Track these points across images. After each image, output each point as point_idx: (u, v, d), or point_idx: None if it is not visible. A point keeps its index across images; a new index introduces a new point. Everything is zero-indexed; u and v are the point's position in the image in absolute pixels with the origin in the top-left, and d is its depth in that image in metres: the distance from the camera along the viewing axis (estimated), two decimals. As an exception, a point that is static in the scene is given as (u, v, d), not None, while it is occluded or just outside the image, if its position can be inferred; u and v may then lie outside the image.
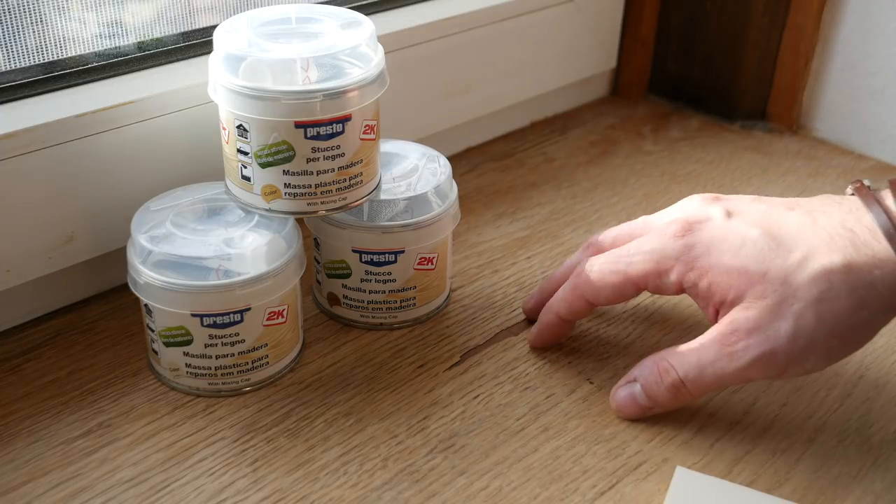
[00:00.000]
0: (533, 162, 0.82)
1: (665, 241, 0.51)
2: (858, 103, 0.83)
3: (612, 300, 0.53)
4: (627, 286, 0.52)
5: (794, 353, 0.47)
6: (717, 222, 0.50)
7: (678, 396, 0.50)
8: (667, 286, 0.51)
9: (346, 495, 0.48)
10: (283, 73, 0.50)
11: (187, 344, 0.52)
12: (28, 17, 0.56)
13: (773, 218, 0.49)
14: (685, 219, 0.51)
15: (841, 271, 0.46)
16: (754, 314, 0.47)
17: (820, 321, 0.46)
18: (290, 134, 0.50)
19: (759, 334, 0.47)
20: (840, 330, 0.46)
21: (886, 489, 0.49)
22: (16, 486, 0.48)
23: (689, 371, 0.49)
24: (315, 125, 0.50)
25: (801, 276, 0.46)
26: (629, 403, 0.52)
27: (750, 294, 0.47)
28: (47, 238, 0.56)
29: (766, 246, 0.47)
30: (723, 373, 0.48)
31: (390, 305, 0.59)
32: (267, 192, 0.52)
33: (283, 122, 0.50)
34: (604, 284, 0.52)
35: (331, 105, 0.50)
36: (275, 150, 0.51)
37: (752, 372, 0.48)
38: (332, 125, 0.50)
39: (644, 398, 0.51)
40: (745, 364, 0.47)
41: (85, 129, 0.55)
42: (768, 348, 0.47)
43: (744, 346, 0.47)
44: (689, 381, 0.49)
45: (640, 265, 0.51)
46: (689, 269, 0.49)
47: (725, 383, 0.49)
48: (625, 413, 0.52)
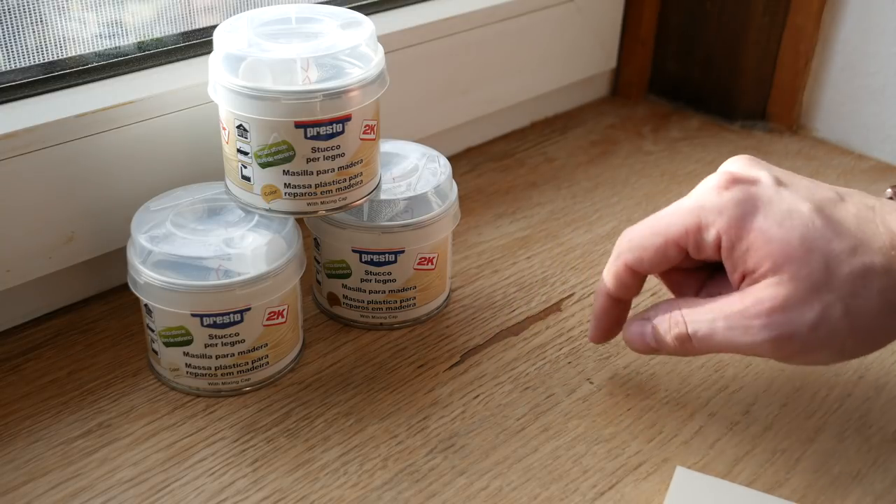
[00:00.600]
0: (533, 162, 0.82)
1: (707, 194, 0.48)
2: (858, 103, 0.83)
3: (657, 265, 0.49)
4: (669, 247, 0.48)
5: (810, 343, 0.45)
6: (767, 186, 0.47)
7: (684, 348, 0.48)
8: (706, 245, 0.47)
9: (346, 495, 0.48)
10: (283, 73, 0.50)
11: (187, 344, 0.52)
12: (28, 17, 0.56)
13: (823, 198, 0.46)
14: (732, 173, 0.48)
15: (879, 272, 0.44)
16: (783, 293, 0.44)
17: (846, 317, 0.44)
18: (290, 134, 0.50)
19: (782, 316, 0.45)
20: (862, 330, 0.45)
21: (886, 489, 0.49)
22: (16, 486, 0.48)
23: (699, 329, 0.47)
24: (315, 125, 0.50)
25: (842, 267, 0.44)
26: (638, 339, 0.51)
27: (786, 270, 0.44)
28: (47, 238, 0.56)
29: (814, 225, 0.45)
30: (733, 342, 0.46)
31: (390, 305, 0.59)
32: (267, 192, 0.52)
33: (283, 122, 0.50)
34: (644, 248, 0.49)
35: (331, 105, 0.50)
36: (275, 150, 0.51)
37: (762, 349, 0.46)
38: (332, 125, 0.50)
39: (652, 339, 0.50)
40: (759, 341, 0.45)
41: (85, 129, 0.55)
42: (787, 331, 0.45)
43: (761, 324, 0.45)
44: (696, 339, 0.48)
45: (679, 222, 0.48)
46: (732, 227, 0.46)
47: (733, 351, 0.47)
48: (632, 346, 0.51)
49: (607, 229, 0.72)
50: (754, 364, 0.58)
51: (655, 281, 0.64)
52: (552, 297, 0.64)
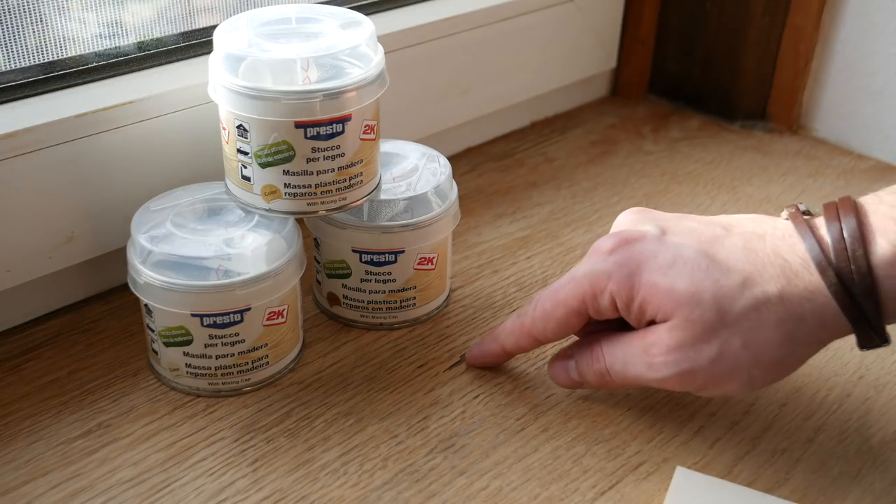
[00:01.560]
0: (533, 162, 0.82)
1: (596, 260, 0.49)
2: (858, 103, 0.83)
3: (560, 334, 0.51)
4: (570, 317, 0.50)
5: (713, 376, 0.46)
6: (651, 239, 0.48)
7: (604, 381, 0.50)
8: (604, 308, 0.49)
9: (346, 495, 0.48)
10: (283, 73, 0.50)
11: (187, 344, 0.52)
12: (28, 17, 0.56)
13: (707, 237, 0.48)
14: (619, 235, 0.50)
15: (773, 302, 0.45)
16: (679, 335, 0.46)
17: (745, 349, 0.45)
18: (290, 134, 0.50)
19: (680, 353, 0.46)
20: (765, 360, 0.45)
21: (886, 489, 0.49)
22: (16, 486, 0.48)
23: (614, 364, 0.49)
24: (315, 125, 0.50)
25: (733, 302, 0.45)
26: (562, 375, 0.53)
27: (678, 314, 0.46)
28: (47, 238, 0.56)
29: (698, 266, 0.46)
30: (643, 378, 0.48)
31: (390, 305, 0.59)
32: (267, 192, 0.52)
33: (282, 122, 0.50)
34: (547, 320, 0.51)
35: (331, 105, 0.50)
36: (275, 150, 0.51)
37: (670, 384, 0.47)
38: (331, 125, 0.50)
39: (575, 373, 0.52)
40: (663, 377, 0.47)
41: (85, 129, 0.55)
42: (687, 367, 0.46)
43: (663, 361, 0.46)
44: (613, 373, 0.49)
45: (575, 292, 0.49)
46: (622, 288, 0.47)
47: (646, 385, 0.50)
48: (557, 381, 0.53)
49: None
50: (754, 364, 0.58)
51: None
52: (552, 297, 0.64)
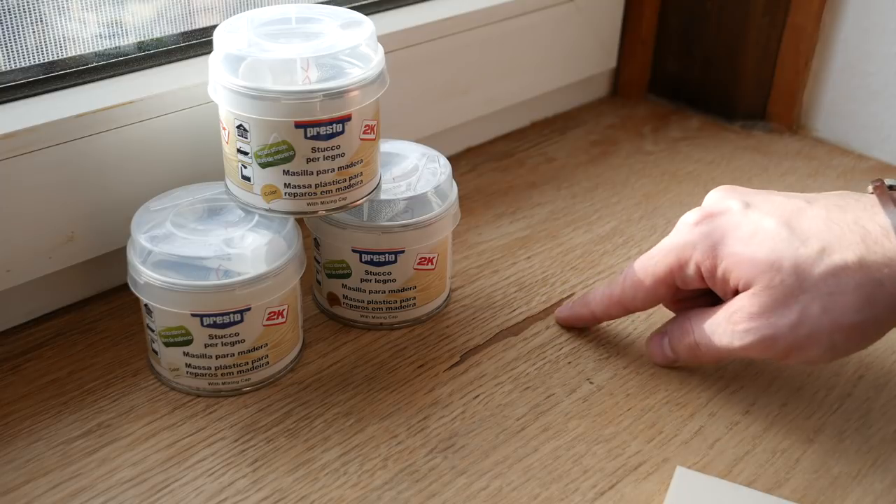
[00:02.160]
0: (533, 162, 0.82)
1: (684, 232, 0.52)
2: (858, 103, 0.83)
3: (649, 303, 0.55)
4: (658, 287, 0.53)
5: (795, 342, 0.48)
6: (735, 212, 0.51)
7: (696, 356, 0.53)
8: (690, 278, 0.52)
9: (346, 495, 0.48)
10: (283, 73, 0.50)
11: (187, 344, 0.52)
12: (28, 17, 0.56)
13: (789, 210, 0.50)
14: (704, 209, 0.52)
15: (851, 268, 0.47)
16: (760, 300, 0.48)
17: (825, 314, 0.47)
18: (290, 134, 0.50)
19: (762, 319, 0.48)
20: (845, 324, 0.47)
21: (886, 489, 0.49)
22: (16, 486, 0.48)
23: (701, 337, 0.52)
24: (315, 125, 0.50)
25: (812, 269, 0.47)
26: (658, 352, 0.56)
27: (759, 281, 0.48)
28: (47, 238, 0.56)
29: (778, 236, 0.48)
30: (728, 347, 0.50)
31: (390, 305, 0.59)
32: (267, 192, 0.52)
33: (282, 122, 0.50)
34: (636, 289, 0.54)
35: (331, 105, 0.50)
36: (275, 150, 0.51)
37: (753, 352, 0.49)
38: (331, 125, 0.50)
39: (669, 350, 0.55)
40: (747, 344, 0.49)
41: (85, 129, 0.55)
42: (769, 333, 0.48)
43: (745, 328, 0.49)
44: (702, 346, 0.52)
45: (663, 262, 0.53)
46: (706, 258, 0.50)
47: (733, 355, 0.51)
48: (653, 359, 0.56)
49: (607, 229, 0.72)
50: (754, 364, 0.58)
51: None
52: (552, 297, 0.64)
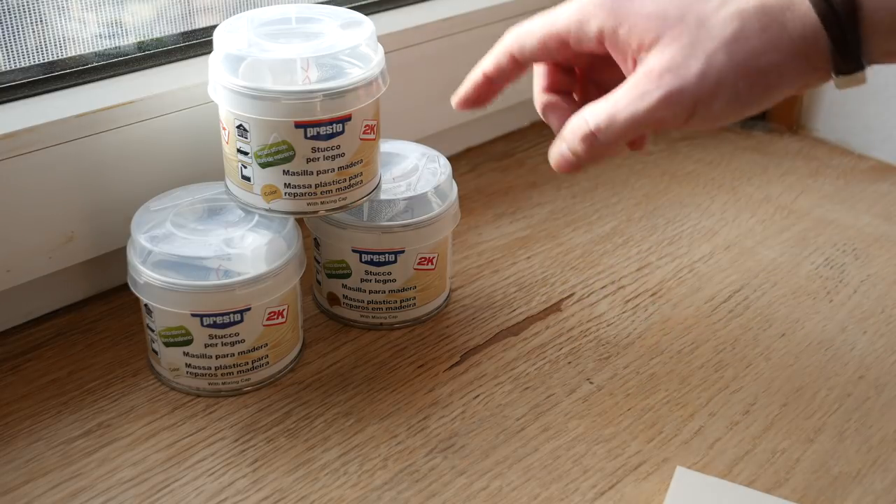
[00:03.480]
0: (533, 162, 0.82)
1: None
2: (858, 103, 0.83)
3: (537, 54, 0.51)
4: (551, 38, 0.50)
5: (702, 92, 0.47)
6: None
7: (593, 147, 0.50)
8: (588, 36, 0.49)
9: (346, 495, 0.48)
10: (283, 73, 0.50)
11: (187, 344, 0.52)
12: (28, 17, 0.56)
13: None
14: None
15: (753, 12, 0.46)
16: (668, 55, 0.47)
17: (731, 59, 0.46)
18: (290, 134, 0.50)
19: (670, 74, 0.47)
20: (750, 70, 0.46)
21: (886, 489, 0.49)
22: (16, 486, 0.48)
23: (600, 121, 0.49)
24: (315, 125, 0.50)
25: (715, 16, 0.47)
26: (559, 160, 0.51)
27: (666, 36, 0.47)
28: (47, 238, 0.56)
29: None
30: (634, 115, 0.48)
31: (390, 305, 0.59)
32: (267, 191, 0.52)
33: (282, 122, 0.50)
34: (527, 34, 0.51)
35: (331, 105, 0.50)
36: (275, 150, 0.51)
37: (660, 111, 0.47)
38: (331, 125, 0.50)
39: (568, 153, 0.51)
40: (654, 103, 0.47)
41: (85, 129, 0.55)
42: (677, 86, 0.47)
43: (654, 86, 0.47)
44: (600, 131, 0.49)
45: (563, 16, 0.50)
46: (609, 15, 0.49)
47: (638, 126, 0.48)
48: (560, 168, 0.51)
49: (607, 229, 0.72)
50: (754, 364, 0.58)
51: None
52: (552, 297, 0.64)
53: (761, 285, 0.66)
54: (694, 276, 0.66)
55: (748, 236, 0.71)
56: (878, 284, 0.66)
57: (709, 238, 0.71)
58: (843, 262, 0.68)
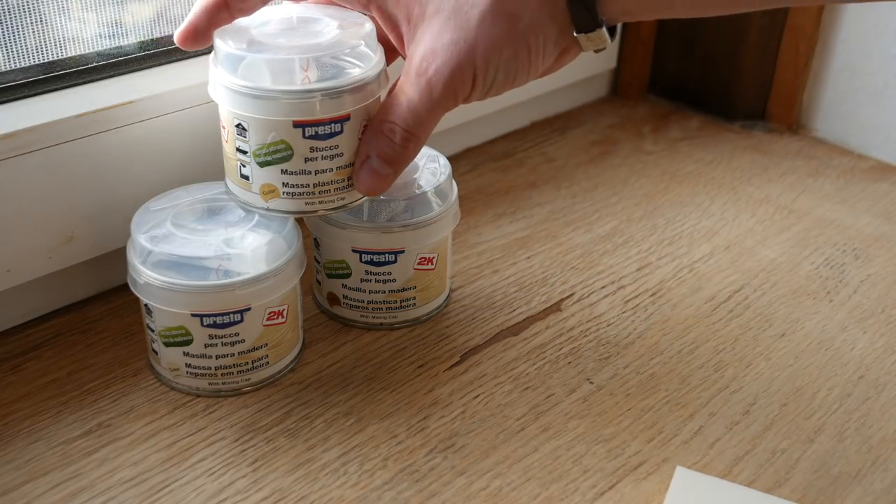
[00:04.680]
0: (533, 162, 0.82)
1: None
2: (858, 103, 0.83)
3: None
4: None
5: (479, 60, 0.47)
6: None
7: (412, 147, 0.50)
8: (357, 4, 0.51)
9: (346, 495, 0.48)
10: (282, 73, 0.50)
11: (187, 344, 0.52)
12: (28, 17, 0.56)
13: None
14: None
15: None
16: (435, 29, 0.48)
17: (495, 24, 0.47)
18: (289, 133, 0.50)
19: (444, 50, 0.48)
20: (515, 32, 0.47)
21: (886, 489, 0.49)
22: (16, 486, 0.48)
23: (406, 118, 0.49)
24: (313, 125, 0.50)
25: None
26: (374, 179, 0.51)
27: (430, 7, 0.48)
28: (47, 238, 0.56)
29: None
30: (432, 104, 0.49)
31: (390, 305, 0.59)
32: (265, 190, 0.52)
33: (281, 122, 0.50)
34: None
35: (330, 105, 0.50)
36: (273, 150, 0.51)
37: (453, 91, 0.48)
38: (330, 125, 0.50)
39: (385, 166, 0.51)
40: (444, 86, 0.48)
41: (85, 129, 0.55)
42: (456, 62, 0.47)
43: (435, 70, 0.48)
44: (412, 129, 0.50)
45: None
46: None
47: (441, 112, 0.50)
48: (377, 190, 0.52)
49: (607, 229, 0.72)
50: (754, 364, 0.58)
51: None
52: (552, 297, 0.64)
53: (761, 285, 0.66)
54: (694, 276, 0.66)
55: (748, 236, 0.71)
56: (878, 284, 0.66)
57: (709, 238, 0.71)
58: (843, 262, 0.68)
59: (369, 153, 0.51)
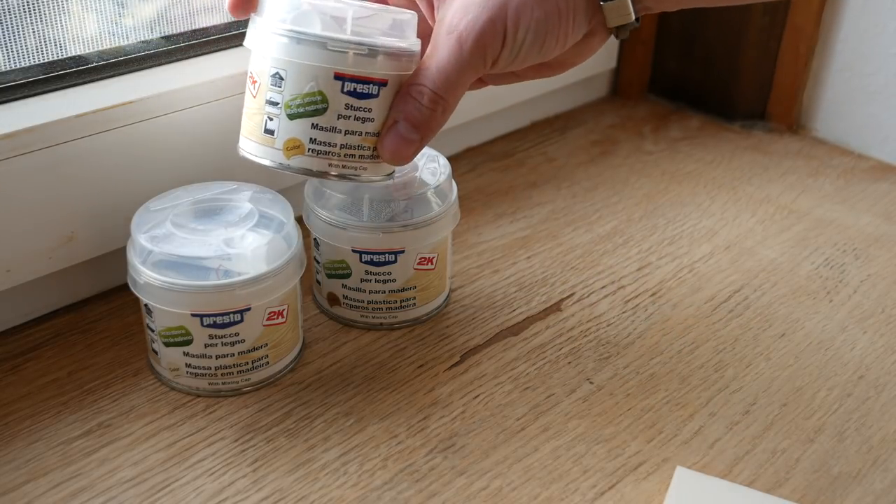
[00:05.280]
0: (533, 162, 0.82)
1: None
2: (858, 103, 0.83)
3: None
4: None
5: (511, 18, 0.48)
6: None
7: (440, 111, 0.49)
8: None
9: (346, 495, 0.48)
10: (333, 24, 0.49)
11: (187, 344, 0.52)
12: (28, 17, 0.56)
13: None
14: None
15: None
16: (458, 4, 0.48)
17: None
18: (328, 84, 0.48)
19: (476, 7, 0.48)
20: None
21: (886, 489, 0.49)
22: (16, 486, 0.48)
23: (436, 80, 0.49)
24: (353, 80, 0.49)
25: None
26: (400, 145, 0.50)
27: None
28: (47, 238, 0.56)
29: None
30: (461, 62, 0.48)
31: (390, 305, 0.59)
32: (290, 146, 0.50)
33: (323, 70, 0.48)
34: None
35: (372, 63, 0.49)
36: (308, 101, 0.49)
37: (482, 49, 0.48)
38: (368, 85, 0.49)
39: (412, 131, 0.50)
40: (474, 42, 0.48)
41: (85, 129, 0.55)
42: (487, 17, 0.47)
43: (466, 25, 0.48)
44: (441, 90, 0.49)
45: None
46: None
47: (471, 73, 0.49)
48: (402, 157, 0.50)
49: (607, 229, 0.72)
50: (754, 364, 0.58)
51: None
52: (552, 297, 0.64)
53: (761, 285, 0.66)
54: (694, 276, 0.66)
55: (748, 236, 0.71)
56: (878, 284, 0.66)
57: (709, 238, 0.71)
58: (843, 262, 0.68)
59: (397, 118, 0.50)
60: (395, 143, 0.50)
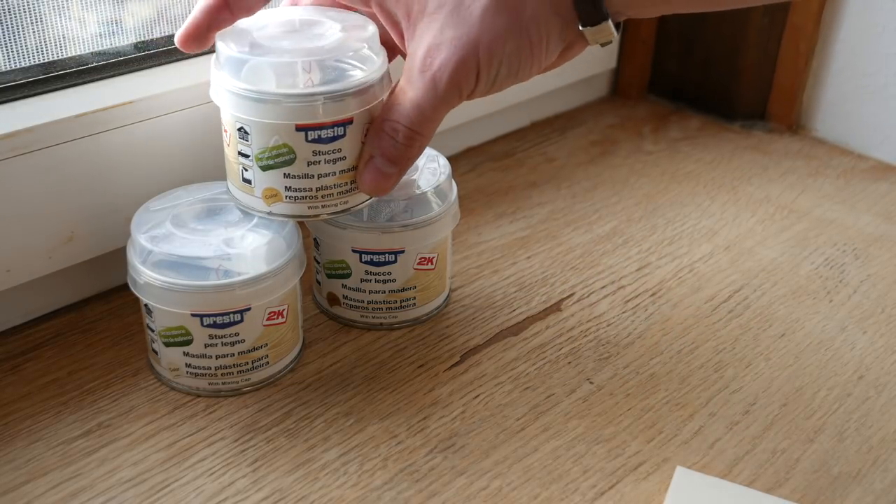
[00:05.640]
0: (533, 162, 0.82)
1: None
2: (858, 103, 0.83)
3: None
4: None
5: (483, 54, 0.47)
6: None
7: (416, 146, 0.50)
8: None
9: (346, 495, 0.48)
10: (285, 76, 0.50)
11: (187, 344, 0.52)
12: (28, 17, 0.56)
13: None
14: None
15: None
16: (437, 25, 0.48)
17: (497, 17, 0.47)
18: (291, 137, 0.50)
19: (448, 45, 0.47)
20: (518, 26, 0.47)
21: (886, 489, 0.49)
22: (16, 486, 0.48)
23: (411, 116, 0.49)
24: (316, 128, 0.50)
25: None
26: (379, 178, 0.51)
27: (430, 4, 0.48)
28: (47, 238, 0.56)
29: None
30: (436, 100, 0.48)
31: (390, 305, 0.59)
32: (268, 195, 0.52)
33: (283, 125, 0.50)
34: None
35: (332, 108, 0.50)
36: (275, 154, 0.50)
37: (457, 86, 0.48)
38: (333, 128, 0.50)
39: (389, 165, 0.51)
40: (448, 81, 0.48)
41: (85, 129, 0.55)
42: (459, 56, 0.47)
43: (439, 65, 0.48)
44: (417, 126, 0.49)
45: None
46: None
47: (446, 108, 0.49)
48: (381, 189, 0.51)
49: (607, 229, 0.72)
50: (754, 364, 0.58)
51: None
52: (552, 297, 0.64)
53: (761, 285, 0.66)
54: (694, 276, 0.66)
55: (748, 236, 0.71)
56: (878, 284, 0.66)
57: (709, 238, 0.71)
58: (843, 262, 0.69)
59: (373, 153, 0.51)
60: (373, 177, 0.51)
